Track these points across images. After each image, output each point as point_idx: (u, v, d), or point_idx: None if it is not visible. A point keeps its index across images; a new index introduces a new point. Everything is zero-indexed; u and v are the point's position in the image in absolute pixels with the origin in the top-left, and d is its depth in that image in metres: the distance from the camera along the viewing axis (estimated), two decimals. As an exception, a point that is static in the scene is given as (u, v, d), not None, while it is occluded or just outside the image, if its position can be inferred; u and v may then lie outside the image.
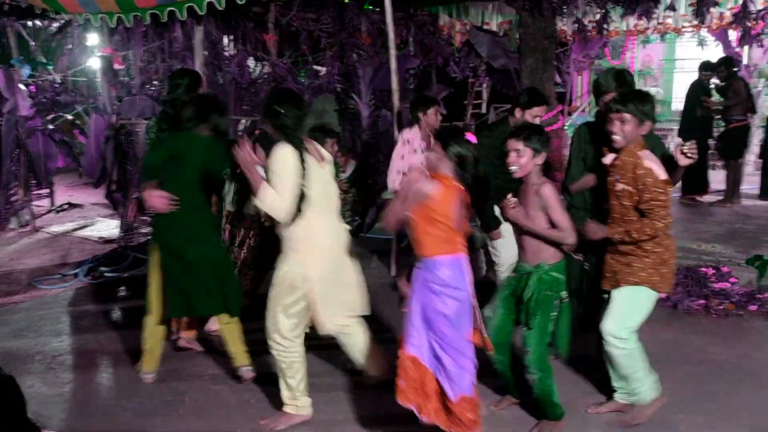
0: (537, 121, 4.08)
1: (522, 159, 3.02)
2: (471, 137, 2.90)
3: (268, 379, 3.65)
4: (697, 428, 3.28)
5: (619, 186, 3.08)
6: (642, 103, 3.06)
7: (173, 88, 3.95)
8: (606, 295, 3.25)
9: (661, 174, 3.00)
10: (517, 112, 4.20)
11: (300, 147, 3.07)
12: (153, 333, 3.72)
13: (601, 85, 3.55)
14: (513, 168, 3.04)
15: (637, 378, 3.18)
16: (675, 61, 13.39)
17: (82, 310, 5.14)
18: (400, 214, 2.84)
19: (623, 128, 3.04)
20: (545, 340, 3.09)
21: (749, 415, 3.41)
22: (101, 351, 4.30)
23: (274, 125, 3.13)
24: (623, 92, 3.24)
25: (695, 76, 8.31)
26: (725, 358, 3.84)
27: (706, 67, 8.16)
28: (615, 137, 3.07)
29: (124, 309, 5.20)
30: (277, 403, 3.37)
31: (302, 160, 3.05)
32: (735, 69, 8.06)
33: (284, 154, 3.03)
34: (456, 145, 2.84)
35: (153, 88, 7.51)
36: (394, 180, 4.92)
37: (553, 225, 3.02)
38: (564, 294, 3.10)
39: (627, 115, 3.03)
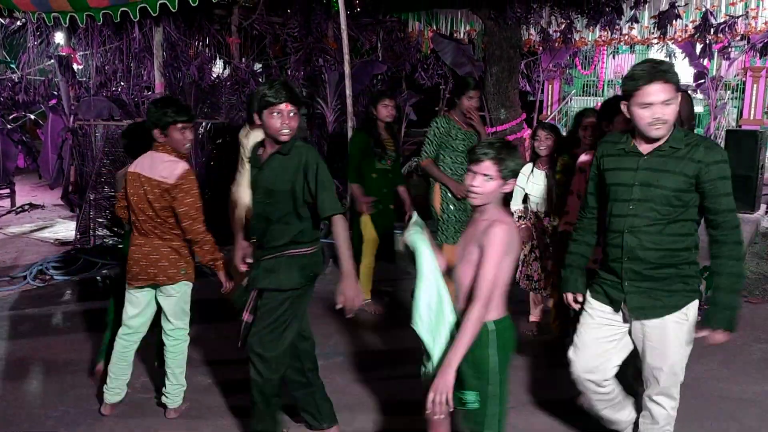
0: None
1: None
2: None
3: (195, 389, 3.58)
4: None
5: None
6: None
7: None
8: None
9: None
10: None
11: None
12: None
13: None
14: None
15: (174, 379, 3.40)
16: (646, 72, 13.49)
17: (23, 314, 5.04)
18: None
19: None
20: None
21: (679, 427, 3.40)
22: (35, 357, 4.20)
23: None
24: None
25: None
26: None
27: None
28: None
29: (66, 314, 5.10)
30: (199, 413, 3.29)
31: None
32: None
33: None
34: None
35: (113, 89, 7.41)
36: None
37: None
38: None
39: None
